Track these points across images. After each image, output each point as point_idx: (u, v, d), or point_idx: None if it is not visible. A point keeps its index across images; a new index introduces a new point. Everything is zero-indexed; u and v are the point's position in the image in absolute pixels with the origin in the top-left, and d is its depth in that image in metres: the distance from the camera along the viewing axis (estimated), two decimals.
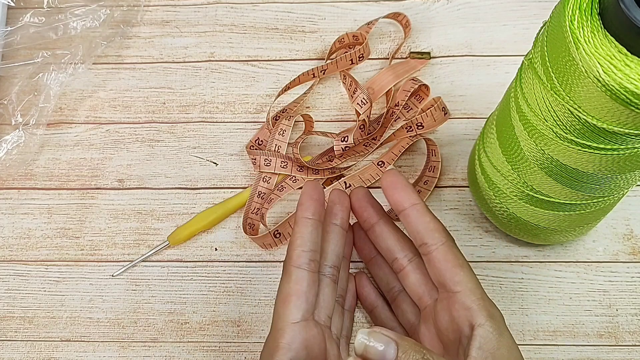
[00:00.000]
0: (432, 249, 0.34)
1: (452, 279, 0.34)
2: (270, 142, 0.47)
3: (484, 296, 0.34)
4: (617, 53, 0.27)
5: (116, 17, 0.51)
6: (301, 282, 0.33)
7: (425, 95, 0.48)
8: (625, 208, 0.45)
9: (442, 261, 0.34)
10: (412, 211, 0.35)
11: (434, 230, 0.34)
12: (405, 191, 0.35)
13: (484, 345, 0.32)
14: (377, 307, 0.41)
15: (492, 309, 0.33)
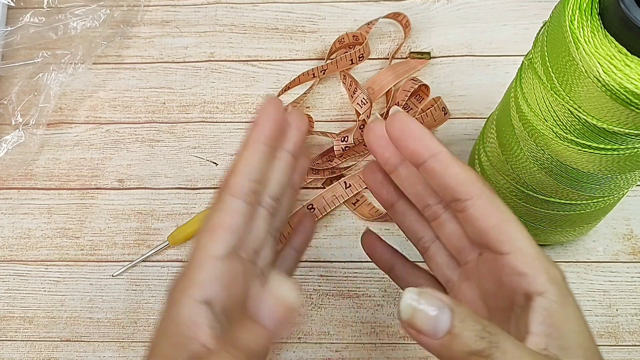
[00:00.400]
0: (467, 204, 0.27)
1: (497, 239, 0.27)
2: None
3: (540, 255, 0.27)
4: (617, 53, 0.27)
5: (116, 17, 0.51)
6: (235, 214, 0.28)
7: (425, 95, 0.48)
8: (625, 208, 0.45)
9: (482, 218, 0.27)
10: (434, 163, 0.27)
11: (466, 182, 0.27)
12: (420, 140, 0.27)
13: (547, 319, 0.25)
14: (396, 266, 0.35)
15: (552, 269, 0.26)
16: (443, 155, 0.27)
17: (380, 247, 0.35)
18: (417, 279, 0.34)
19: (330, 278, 0.44)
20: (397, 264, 0.35)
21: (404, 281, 0.35)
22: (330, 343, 0.42)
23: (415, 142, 0.28)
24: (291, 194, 0.34)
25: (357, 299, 0.43)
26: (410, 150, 0.28)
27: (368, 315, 0.43)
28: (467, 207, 0.27)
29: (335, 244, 0.45)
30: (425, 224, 0.32)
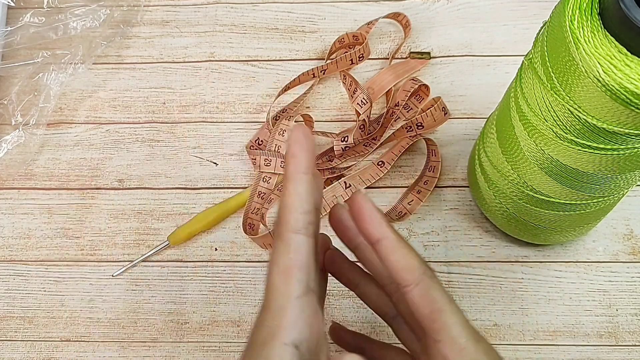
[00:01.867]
0: (405, 291, 0.30)
1: (430, 327, 0.29)
2: (270, 142, 0.47)
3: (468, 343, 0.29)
4: (617, 53, 0.27)
5: (116, 17, 0.51)
6: (301, 250, 0.28)
7: (425, 95, 0.48)
8: (625, 208, 0.45)
9: (417, 306, 0.29)
10: (380, 247, 0.30)
11: (405, 269, 0.29)
12: (371, 223, 0.30)
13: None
14: (365, 349, 0.37)
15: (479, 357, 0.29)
16: (388, 241, 0.29)
17: (347, 336, 0.38)
18: (386, 356, 0.36)
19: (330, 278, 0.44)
20: (365, 347, 0.37)
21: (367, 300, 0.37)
22: (330, 343, 0.42)
23: (367, 225, 0.30)
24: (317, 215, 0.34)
25: (357, 299, 0.43)
26: (363, 230, 0.30)
27: (368, 315, 0.43)
28: (405, 292, 0.30)
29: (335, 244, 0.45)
30: (387, 300, 0.34)
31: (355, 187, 0.45)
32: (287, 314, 0.27)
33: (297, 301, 0.27)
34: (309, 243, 0.29)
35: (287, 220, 0.28)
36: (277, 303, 0.28)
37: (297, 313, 0.27)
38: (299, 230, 0.28)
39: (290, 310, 0.27)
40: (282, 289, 0.28)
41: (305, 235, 0.29)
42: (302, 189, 0.29)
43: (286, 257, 0.28)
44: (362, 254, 0.34)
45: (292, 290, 0.28)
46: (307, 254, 0.28)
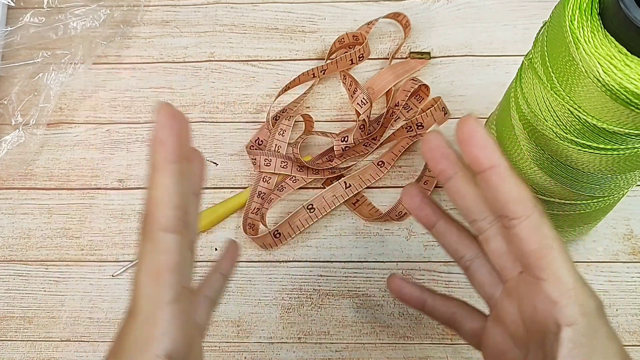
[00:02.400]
0: (513, 223, 0.27)
1: (536, 264, 0.27)
2: (270, 142, 0.47)
3: (576, 284, 0.27)
4: (617, 53, 0.27)
5: (116, 17, 0.51)
6: (172, 250, 0.25)
7: (425, 95, 0.48)
8: (625, 208, 0.45)
9: (525, 240, 0.27)
10: (491, 175, 0.27)
11: (517, 200, 0.27)
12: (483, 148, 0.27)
13: (573, 351, 0.26)
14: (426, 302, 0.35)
15: (586, 300, 0.27)
16: (501, 169, 0.27)
17: (408, 288, 0.36)
18: (449, 309, 0.34)
19: (330, 278, 0.44)
20: (427, 300, 0.35)
21: (437, 314, 0.35)
22: (330, 343, 0.42)
23: (479, 150, 0.27)
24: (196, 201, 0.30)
25: (357, 299, 0.43)
26: (473, 156, 0.27)
27: (368, 315, 0.43)
28: (513, 225, 0.27)
29: (335, 244, 0.45)
30: (466, 242, 0.32)
31: (355, 187, 0.45)
32: (158, 323, 0.25)
33: (168, 307, 0.25)
34: (181, 240, 0.26)
35: (154, 217, 0.25)
36: (147, 310, 0.25)
37: (169, 321, 0.25)
38: (167, 228, 0.25)
39: (162, 318, 0.25)
40: (151, 294, 0.25)
41: (176, 232, 0.26)
42: (170, 181, 0.25)
43: (155, 258, 0.26)
44: (455, 187, 0.31)
45: (163, 296, 0.25)
46: (179, 253, 0.26)
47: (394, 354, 0.42)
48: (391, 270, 0.44)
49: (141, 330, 0.25)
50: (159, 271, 0.25)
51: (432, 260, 0.44)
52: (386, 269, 0.44)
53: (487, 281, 0.32)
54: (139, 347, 0.25)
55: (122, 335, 0.26)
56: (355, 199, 0.46)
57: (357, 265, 0.44)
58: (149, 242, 0.26)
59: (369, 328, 0.42)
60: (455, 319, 0.34)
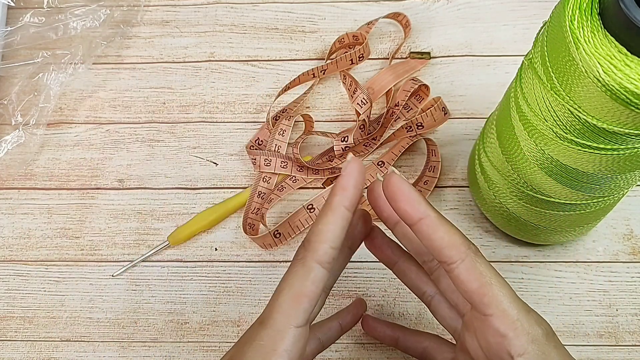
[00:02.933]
0: (451, 268, 0.29)
1: (480, 301, 0.29)
2: (270, 142, 0.47)
3: (520, 315, 0.28)
4: (617, 53, 0.27)
5: (116, 17, 0.51)
6: (319, 283, 0.28)
7: (425, 95, 0.48)
8: (625, 208, 0.45)
9: (465, 282, 0.29)
10: (421, 227, 0.29)
11: (449, 246, 0.29)
12: (410, 203, 0.29)
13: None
14: (399, 338, 0.38)
15: (533, 328, 0.28)
16: (430, 219, 0.29)
17: (380, 327, 0.39)
18: (421, 344, 0.37)
19: None
20: (399, 337, 0.38)
21: (410, 350, 0.37)
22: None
23: (406, 205, 0.29)
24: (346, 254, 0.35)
25: None
26: (402, 211, 0.29)
27: None
28: (451, 269, 0.29)
29: None
30: (426, 279, 0.34)
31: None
32: (284, 341, 0.28)
33: (296, 330, 0.28)
34: (326, 277, 0.29)
35: (315, 249, 0.29)
36: (278, 325, 0.28)
37: (293, 342, 0.28)
38: (322, 262, 0.28)
39: (288, 338, 0.28)
40: (287, 313, 0.28)
41: (326, 269, 0.29)
42: (340, 224, 0.29)
43: (303, 284, 0.28)
44: (401, 232, 0.34)
45: (296, 319, 0.28)
46: (321, 288, 0.29)
47: (394, 354, 0.42)
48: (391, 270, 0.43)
49: (268, 341, 0.28)
50: (301, 295, 0.28)
51: None
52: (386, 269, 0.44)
53: (447, 315, 0.34)
54: (261, 355, 0.28)
55: (248, 338, 0.29)
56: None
57: (357, 265, 0.44)
58: (302, 268, 0.29)
59: None
60: (428, 353, 0.36)
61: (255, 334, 0.29)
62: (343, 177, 0.29)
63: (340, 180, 0.29)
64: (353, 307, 0.39)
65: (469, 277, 0.29)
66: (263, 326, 0.29)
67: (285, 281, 0.29)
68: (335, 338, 0.38)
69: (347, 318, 0.38)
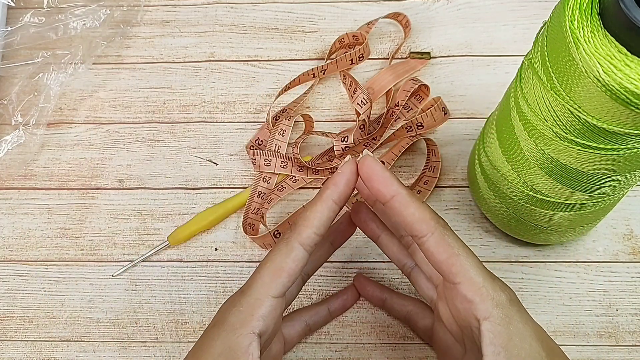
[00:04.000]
0: (422, 241, 0.31)
1: (449, 272, 0.31)
2: (270, 142, 0.47)
3: (486, 282, 0.31)
4: (617, 53, 0.27)
5: (116, 17, 0.51)
6: (299, 262, 0.32)
7: (425, 95, 0.48)
8: (625, 208, 0.45)
9: (435, 254, 0.31)
10: (394, 204, 0.32)
11: (419, 221, 0.31)
12: (383, 183, 0.32)
13: (494, 340, 0.30)
14: (386, 300, 0.41)
15: (497, 294, 0.31)
16: (401, 197, 0.31)
17: (370, 286, 0.42)
18: (405, 307, 0.40)
19: (330, 278, 0.44)
20: (386, 298, 0.41)
21: (394, 312, 0.41)
22: (330, 343, 0.42)
23: (379, 185, 0.32)
24: (327, 248, 0.39)
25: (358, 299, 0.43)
26: (376, 191, 0.32)
27: (368, 315, 0.43)
28: (422, 242, 0.31)
29: None
30: (405, 252, 0.37)
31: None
32: (262, 308, 0.31)
33: (273, 300, 0.31)
34: (306, 258, 0.32)
35: (300, 232, 0.32)
36: (257, 294, 0.31)
37: (269, 310, 0.31)
38: (305, 245, 0.32)
39: (265, 306, 0.31)
40: (266, 284, 0.31)
41: (307, 251, 0.32)
42: (327, 214, 0.32)
43: (284, 260, 0.32)
44: (380, 209, 0.37)
45: (274, 290, 0.31)
46: (300, 267, 0.32)
47: (394, 354, 0.42)
48: (391, 270, 0.44)
49: (247, 306, 0.31)
50: (281, 270, 0.31)
51: None
52: (386, 269, 0.44)
53: (425, 286, 0.37)
54: (241, 322, 0.31)
55: (230, 304, 0.32)
56: (355, 199, 0.46)
57: (357, 265, 0.44)
58: (285, 247, 0.32)
59: (369, 328, 0.42)
60: (411, 317, 0.40)
61: (236, 301, 0.32)
62: (337, 174, 0.32)
63: (335, 176, 0.32)
64: (343, 294, 0.42)
65: (438, 249, 0.31)
66: (244, 294, 0.32)
67: (268, 256, 0.32)
68: (322, 323, 0.41)
69: (336, 304, 0.41)
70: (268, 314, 0.31)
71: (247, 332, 0.30)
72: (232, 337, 0.30)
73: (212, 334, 0.31)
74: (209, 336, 0.31)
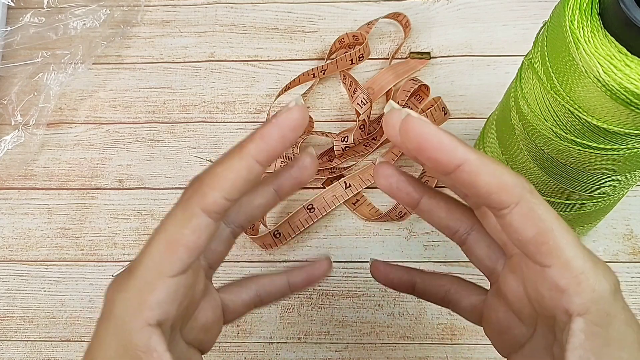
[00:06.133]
0: (503, 213, 0.24)
1: (537, 251, 0.24)
2: None
3: (586, 265, 0.23)
4: (617, 53, 0.27)
5: (116, 17, 0.51)
6: (201, 232, 0.24)
7: (425, 95, 0.48)
8: (625, 208, 0.45)
9: (520, 230, 0.24)
10: (461, 174, 0.23)
11: (498, 191, 0.23)
12: (441, 149, 0.23)
13: (585, 343, 0.23)
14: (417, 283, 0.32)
15: (599, 284, 0.23)
16: (470, 164, 0.23)
17: (394, 272, 0.33)
18: (442, 287, 0.31)
19: (330, 278, 0.44)
20: (416, 281, 0.32)
21: (430, 294, 0.32)
22: (330, 343, 0.42)
23: (438, 153, 0.23)
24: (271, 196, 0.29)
25: (357, 299, 0.43)
26: (434, 161, 0.23)
27: (368, 315, 0.43)
28: (503, 215, 0.24)
29: (335, 244, 0.45)
30: (457, 215, 0.29)
31: (355, 187, 0.45)
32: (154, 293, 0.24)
33: (170, 280, 0.24)
34: (212, 229, 0.24)
35: (203, 193, 0.24)
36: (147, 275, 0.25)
37: (166, 293, 0.24)
38: (211, 212, 0.24)
39: (159, 289, 0.24)
40: (159, 262, 0.24)
41: (214, 219, 0.24)
42: (244, 176, 0.24)
43: (179, 231, 0.24)
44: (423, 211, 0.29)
45: (168, 269, 0.24)
46: (205, 239, 0.24)
47: (394, 354, 0.42)
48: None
49: (135, 292, 0.25)
50: (177, 244, 0.24)
51: (432, 260, 0.44)
52: None
53: (486, 255, 0.29)
54: (130, 312, 0.24)
55: (115, 290, 0.25)
56: (355, 199, 0.46)
57: (357, 265, 0.44)
58: (182, 212, 0.24)
59: (369, 328, 0.42)
60: (451, 297, 0.31)
61: (123, 285, 0.25)
62: (270, 125, 0.23)
63: (265, 126, 0.23)
64: (309, 266, 0.32)
65: (525, 224, 0.24)
66: (132, 275, 0.25)
67: (162, 224, 0.25)
68: (278, 295, 0.32)
69: (299, 277, 0.32)
70: (165, 298, 0.24)
71: (140, 325, 0.24)
72: (123, 334, 0.24)
73: (100, 331, 0.25)
74: (98, 335, 0.25)
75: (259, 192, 0.29)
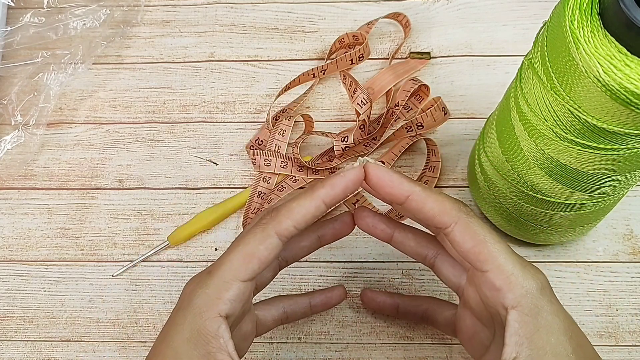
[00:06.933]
0: (447, 232, 0.31)
1: (477, 259, 0.30)
2: (270, 142, 0.47)
3: (515, 269, 0.30)
4: (617, 53, 0.27)
5: (116, 17, 0.51)
6: (272, 250, 0.30)
7: (425, 95, 0.48)
8: (625, 208, 0.45)
9: (461, 243, 0.30)
10: (410, 204, 0.31)
11: (440, 213, 0.31)
12: (392, 185, 0.31)
13: (519, 330, 0.29)
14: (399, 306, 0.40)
15: (527, 282, 0.30)
16: (416, 194, 0.31)
17: (380, 297, 0.41)
18: (420, 306, 0.39)
19: (330, 278, 0.44)
20: (399, 304, 0.40)
21: (411, 314, 0.40)
22: (330, 343, 0.42)
23: (390, 189, 0.31)
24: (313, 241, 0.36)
25: (357, 299, 0.43)
26: (389, 196, 0.31)
27: (368, 315, 0.43)
28: (448, 233, 0.31)
29: (335, 243, 0.45)
30: (424, 243, 0.35)
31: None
32: (229, 291, 0.30)
33: (241, 284, 0.30)
34: (279, 248, 0.31)
35: (280, 221, 0.30)
36: (226, 276, 0.30)
37: (237, 294, 0.30)
38: (282, 236, 0.30)
39: (233, 289, 0.30)
40: (236, 268, 0.30)
41: (282, 242, 0.31)
42: (312, 212, 0.31)
43: (256, 246, 0.30)
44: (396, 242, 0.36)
45: (242, 274, 0.30)
46: (273, 256, 0.31)
47: (394, 354, 0.42)
48: (391, 270, 0.44)
49: (214, 289, 0.30)
50: (253, 256, 0.30)
51: None
52: (386, 269, 0.44)
53: (451, 273, 0.35)
54: (208, 305, 0.30)
55: (196, 284, 0.31)
56: (355, 199, 0.46)
57: (357, 265, 0.44)
58: (261, 233, 0.30)
59: (369, 328, 0.42)
60: (429, 314, 0.38)
61: (203, 282, 0.31)
62: (338, 177, 0.31)
63: (334, 177, 0.31)
64: (329, 291, 0.40)
65: (464, 237, 0.30)
66: (211, 276, 0.30)
67: (242, 238, 0.31)
68: (301, 315, 0.39)
69: (319, 299, 0.40)
70: (235, 297, 0.30)
71: (214, 315, 0.30)
72: (199, 321, 0.30)
73: (178, 318, 0.31)
74: (176, 321, 0.31)
75: (306, 236, 0.36)
